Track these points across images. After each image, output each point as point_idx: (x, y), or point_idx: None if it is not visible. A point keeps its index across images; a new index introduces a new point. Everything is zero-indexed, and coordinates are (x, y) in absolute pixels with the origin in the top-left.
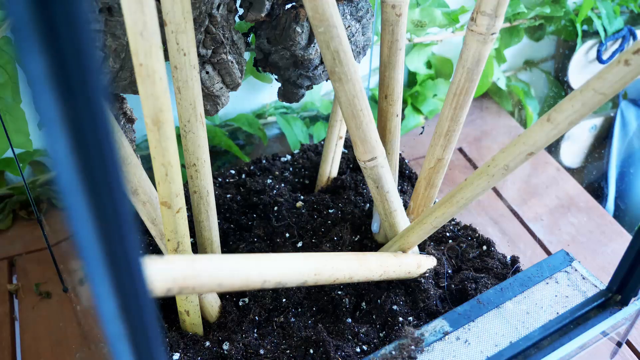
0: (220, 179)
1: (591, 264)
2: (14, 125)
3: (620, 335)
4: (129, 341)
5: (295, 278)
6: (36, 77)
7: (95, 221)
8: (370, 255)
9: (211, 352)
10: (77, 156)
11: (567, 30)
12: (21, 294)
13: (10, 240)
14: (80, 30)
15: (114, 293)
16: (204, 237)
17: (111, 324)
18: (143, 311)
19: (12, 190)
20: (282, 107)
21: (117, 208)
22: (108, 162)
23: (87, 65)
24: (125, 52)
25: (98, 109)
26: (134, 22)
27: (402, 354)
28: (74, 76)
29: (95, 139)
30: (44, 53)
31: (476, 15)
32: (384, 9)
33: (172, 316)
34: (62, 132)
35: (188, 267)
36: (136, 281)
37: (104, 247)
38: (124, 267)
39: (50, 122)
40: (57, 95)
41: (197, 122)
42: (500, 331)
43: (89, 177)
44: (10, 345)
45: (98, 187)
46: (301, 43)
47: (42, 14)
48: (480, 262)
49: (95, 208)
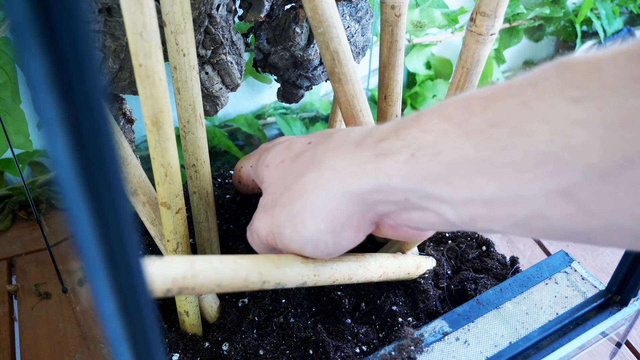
0: (219, 179)
1: (591, 264)
2: (13, 126)
3: (620, 336)
4: (128, 341)
5: (295, 279)
6: (35, 78)
7: (95, 222)
8: (369, 256)
9: (211, 352)
10: (77, 157)
11: (567, 30)
12: (20, 294)
13: (9, 240)
14: (79, 30)
15: (113, 293)
16: (203, 238)
17: (111, 325)
18: (143, 312)
19: (12, 191)
20: (282, 107)
21: (117, 208)
22: (108, 162)
23: (87, 65)
24: (125, 53)
25: (97, 109)
26: (134, 22)
27: (402, 355)
28: (74, 77)
29: (95, 140)
30: (43, 53)
31: (475, 15)
32: (384, 10)
33: (171, 317)
34: (61, 132)
35: (187, 267)
36: (136, 282)
37: (103, 247)
38: (124, 267)
39: (49, 122)
40: (57, 95)
41: (196, 122)
42: (500, 332)
43: (89, 177)
44: (10, 345)
45: (98, 188)
46: (300, 44)
47: (41, 14)
48: (480, 262)
49: (95, 208)
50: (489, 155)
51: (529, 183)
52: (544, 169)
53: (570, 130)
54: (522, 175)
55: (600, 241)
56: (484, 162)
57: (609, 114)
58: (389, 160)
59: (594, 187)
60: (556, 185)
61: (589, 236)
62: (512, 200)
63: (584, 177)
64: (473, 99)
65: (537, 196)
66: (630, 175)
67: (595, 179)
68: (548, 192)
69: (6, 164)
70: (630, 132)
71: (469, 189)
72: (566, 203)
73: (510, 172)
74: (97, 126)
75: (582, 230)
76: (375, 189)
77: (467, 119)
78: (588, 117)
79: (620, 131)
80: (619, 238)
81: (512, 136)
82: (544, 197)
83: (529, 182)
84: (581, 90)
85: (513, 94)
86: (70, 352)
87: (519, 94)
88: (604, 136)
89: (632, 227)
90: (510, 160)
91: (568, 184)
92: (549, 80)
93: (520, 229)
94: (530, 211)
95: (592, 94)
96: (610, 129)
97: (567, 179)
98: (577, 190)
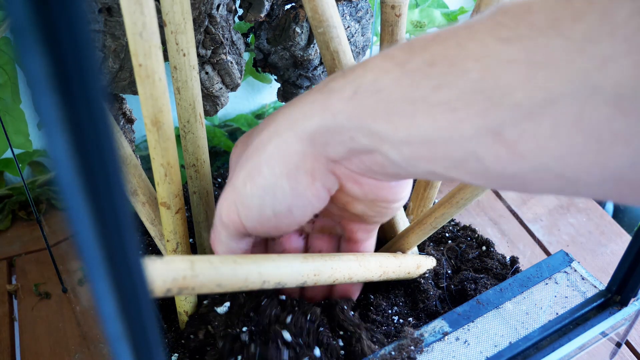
0: (219, 179)
1: (590, 264)
2: (13, 126)
3: (620, 336)
4: (128, 341)
5: (295, 278)
6: (35, 78)
7: (95, 221)
8: (369, 255)
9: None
10: (77, 157)
11: None
12: (20, 294)
13: (9, 240)
14: (79, 30)
15: (113, 293)
16: (203, 238)
17: (111, 325)
18: (143, 312)
19: (12, 191)
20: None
21: (117, 209)
22: (108, 162)
23: (87, 65)
24: (125, 53)
25: (97, 109)
26: (134, 22)
27: (402, 355)
28: (74, 76)
29: (95, 140)
30: (43, 53)
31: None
32: (384, 10)
33: (171, 317)
34: (61, 132)
35: (187, 267)
36: (136, 282)
37: (103, 247)
38: (124, 267)
39: (49, 122)
40: (57, 95)
41: (196, 122)
42: (500, 331)
43: (89, 177)
44: (10, 345)
45: (98, 188)
46: (301, 43)
47: (41, 14)
48: (480, 262)
49: (95, 208)
50: (424, 93)
51: (462, 122)
52: (475, 107)
53: (499, 69)
54: (454, 114)
55: (532, 186)
56: (420, 100)
57: (535, 54)
58: (333, 98)
59: (520, 127)
60: (486, 125)
61: (522, 180)
62: (448, 139)
63: (510, 116)
64: (415, 41)
65: (469, 135)
66: (552, 114)
67: (521, 118)
68: (479, 131)
69: (6, 164)
70: (553, 71)
71: (408, 127)
72: (496, 143)
73: (444, 110)
74: (97, 126)
75: (513, 173)
76: (322, 126)
77: (407, 59)
78: (516, 57)
79: (545, 70)
80: (548, 182)
81: (446, 74)
82: (476, 136)
83: (461, 121)
84: (511, 31)
85: (450, 36)
86: (70, 352)
87: (455, 35)
88: (529, 75)
89: (557, 169)
90: (444, 99)
91: (496, 124)
92: (483, 22)
93: (458, 171)
94: (465, 152)
95: (520, 34)
96: (535, 68)
97: (496, 118)
98: (505, 129)
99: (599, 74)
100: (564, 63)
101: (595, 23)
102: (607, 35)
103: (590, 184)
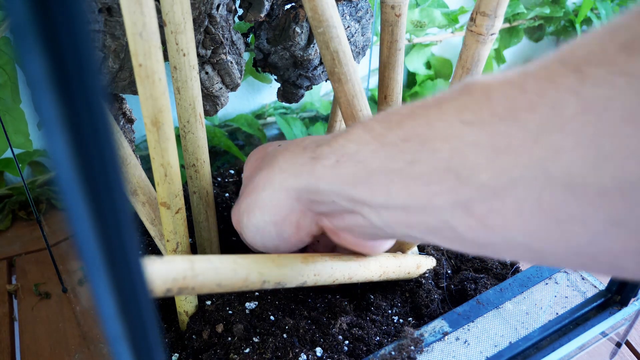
0: (219, 179)
1: None
2: (13, 126)
3: (620, 336)
4: (128, 341)
5: (295, 278)
6: (35, 78)
7: (95, 221)
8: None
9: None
10: (77, 157)
11: (567, 30)
12: (20, 294)
13: (9, 240)
14: (79, 30)
15: (113, 293)
16: (203, 238)
17: (111, 325)
18: (143, 312)
19: (12, 191)
20: (282, 107)
21: (117, 208)
22: (108, 162)
23: (87, 65)
24: (125, 53)
25: (97, 109)
26: (133, 22)
27: (402, 354)
28: (74, 76)
29: (95, 140)
30: (43, 53)
31: (476, 15)
32: (384, 10)
33: (171, 317)
34: (61, 132)
35: (187, 267)
36: (136, 281)
37: (103, 247)
38: (124, 267)
39: (49, 122)
40: (57, 95)
41: (196, 122)
42: (500, 331)
43: (89, 177)
44: (10, 345)
45: (98, 188)
46: (301, 43)
47: (41, 14)
48: (480, 262)
49: (95, 208)
50: (400, 166)
51: (435, 195)
52: (446, 183)
53: (466, 150)
54: (428, 187)
55: (505, 254)
56: (397, 172)
57: (497, 140)
58: (319, 164)
59: (488, 204)
60: (456, 199)
61: (494, 248)
62: (423, 208)
63: (478, 193)
64: (393, 115)
65: (442, 207)
66: (515, 196)
67: (488, 196)
68: (451, 204)
69: (6, 164)
70: (513, 157)
71: (387, 195)
72: (467, 216)
73: (419, 183)
74: (97, 126)
75: (486, 243)
76: (307, 188)
77: (385, 132)
78: (479, 141)
79: (505, 156)
80: (519, 252)
81: (419, 151)
82: (449, 208)
83: (435, 195)
84: (474, 115)
85: (422, 113)
86: (70, 352)
87: (426, 114)
88: (492, 159)
89: (525, 242)
90: (419, 173)
91: (466, 199)
92: (450, 103)
93: (435, 237)
94: (439, 221)
95: (482, 120)
96: (497, 153)
97: (465, 194)
98: (473, 205)
99: (552, 164)
100: (522, 150)
101: (548, 115)
102: (558, 128)
103: (557, 256)
